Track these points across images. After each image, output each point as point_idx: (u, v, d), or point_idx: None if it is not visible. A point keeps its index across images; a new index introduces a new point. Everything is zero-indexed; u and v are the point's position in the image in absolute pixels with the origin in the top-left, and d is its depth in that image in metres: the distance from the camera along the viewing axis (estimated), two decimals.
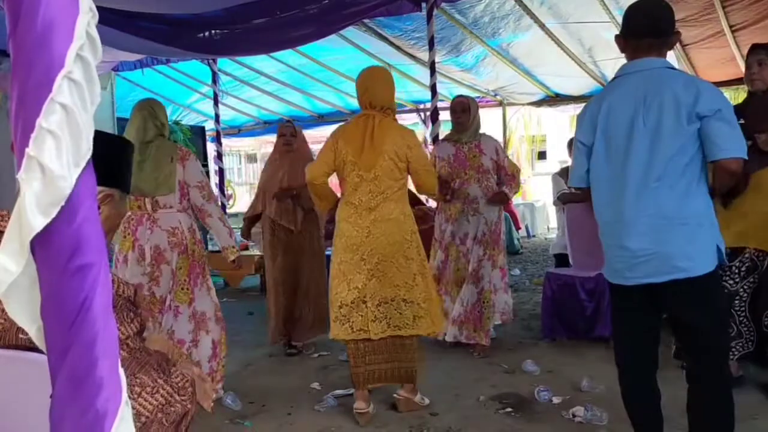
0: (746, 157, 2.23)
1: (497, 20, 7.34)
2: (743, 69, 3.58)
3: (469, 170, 4.32)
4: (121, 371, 0.75)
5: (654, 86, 2.24)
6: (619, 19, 7.16)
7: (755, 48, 3.35)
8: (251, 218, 4.86)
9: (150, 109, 3.48)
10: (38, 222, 0.66)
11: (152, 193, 3.39)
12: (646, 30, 2.29)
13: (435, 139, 5.92)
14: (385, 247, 3.22)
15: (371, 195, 3.23)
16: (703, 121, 2.17)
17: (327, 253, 4.43)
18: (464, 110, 4.40)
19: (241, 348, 4.77)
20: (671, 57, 7.82)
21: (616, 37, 2.42)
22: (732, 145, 2.17)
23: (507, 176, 4.41)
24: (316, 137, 12.65)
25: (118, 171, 1.63)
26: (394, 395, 3.42)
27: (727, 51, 7.46)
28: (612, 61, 8.50)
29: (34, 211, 0.65)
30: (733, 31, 7.16)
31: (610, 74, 9.25)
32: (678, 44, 7.58)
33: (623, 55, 2.41)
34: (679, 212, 2.21)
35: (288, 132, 4.74)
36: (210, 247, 7.46)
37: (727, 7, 6.58)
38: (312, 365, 4.33)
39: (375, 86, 3.35)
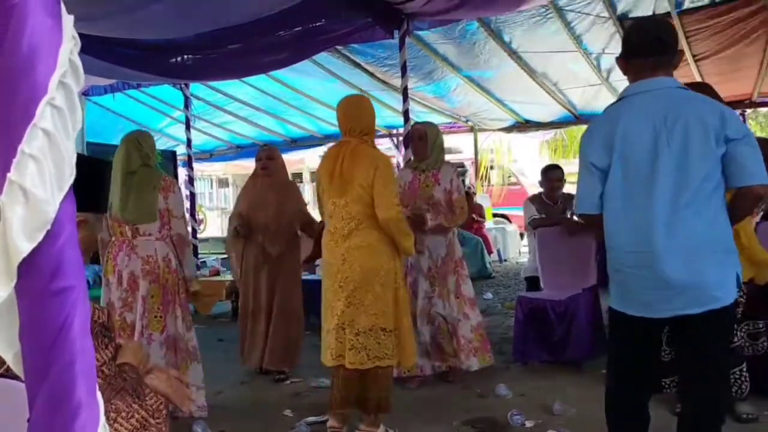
0: None
1: (470, 55, 7.51)
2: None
3: (418, 201, 4.17)
4: (99, 394, 0.75)
5: (674, 107, 2.16)
6: (589, 50, 7.37)
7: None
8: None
9: (135, 140, 3.62)
10: (24, 247, 0.67)
11: (133, 221, 3.51)
12: (652, 48, 2.22)
13: (407, 163, 5.97)
14: (360, 275, 3.19)
15: (345, 222, 3.23)
16: (731, 145, 2.10)
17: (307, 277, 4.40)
18: (421, 137, 4.30)
19: (211, 375, 4.69)
20: None
21: (618, 58, 2.35)
22: (762, 171, 2.12)
23: (453, 207, 4.19)
24: (290, 162, 12.68)
25: (92, 194, 1.62)
26: (356, 430, 3.34)
27: (690, 80, 7.68)
28: (578, 89, 8.73)
29: (20, 236, 0.66)
30: (696, 60, 7.39)
31: (576, 102, 9.48)
32: None
33: (592, 83, 2.44)
34: (710, 239, 2.14)
35: (264, 155, 4.72)
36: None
37: (690, 38, 6.80)
38: (284, 392, 4.28)
39: (352, 113, 3.41)
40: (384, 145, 11.29)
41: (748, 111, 10.48)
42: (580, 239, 4.85)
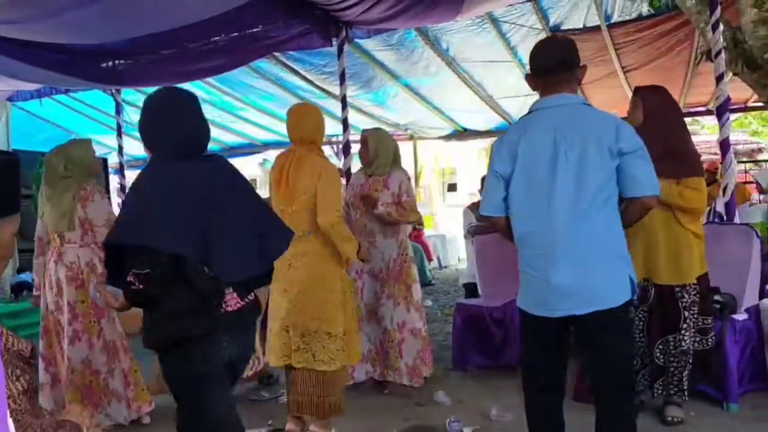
0: (659, 194, 2.36)
1: (408, 63, 7.57)
2: None
3: (367, 204, 4.20)
4: (11, 422, 0.70)
5: (574, 121, 2.32)
6: (523, 61, 7.53)
7: (634, 91, 3.58)
8: None
9: (64, 148, 3.74)
10: None
11: (55, 229, 3.69)
12: (554, 65, 2.39)
13: (347, 171, 5.95)
14: (305, 280, 3.26)
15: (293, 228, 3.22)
16: (624, 158, 2.26)
17: None
18: (363, 144, 4.34)
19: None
20: None
21: (527, 76, 2.50)
22: (653, 183, 2.30)
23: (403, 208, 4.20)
24: None
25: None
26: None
27: (620, 90, 7.96)
28: (513, 99, 8.92)
29: None
30: (625, 72, 7.65)
31: (512, 111, 9.67)
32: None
33: (526, 93, 2.53)
34: (603, 244, 2.30)
35: None
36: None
37: (619, 50, 7.04)
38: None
39: (299, 122, 3.43)
40: (324, 152, 11.23)
41: None
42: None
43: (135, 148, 10.92)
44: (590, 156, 2.26)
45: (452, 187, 22.22)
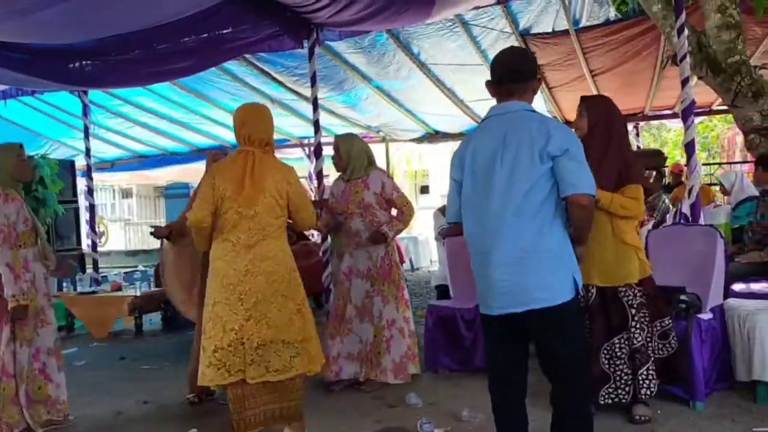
0: (594, 194, 2.43)
1: (380, 66, 7.58)
2: None
3: (351, 205, 4.26)
4: None
5: (513, 127, 2.43)
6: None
7: (580, 100, 3.61)
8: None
9: None
10: None
11: None
12: (506, 77, 2.50)
13: (319, 173, 5.95)
14: (264, 286, 3.14)
15: (250, 233, 3.16)
16: (555, 161, 2.37)
17: None
18: (335, 150, 4.40)
19: (111, 395, 4.49)
20: (540, 99, 8.36)
21: (486, 83, 2.59)
22: (580, 182, 2.37)
23: (397, 211, 4.39)
24: (197, 171, 12.33)
25: None
26: None
27: (588, 94, 8.05)
28: (483, 102, 8.97)
29: None
30: (593, 76, 7.76)
31: (483, 114, 9.74)
32: (545, 87, 8.13)
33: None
34: (537, 245, 2.38)
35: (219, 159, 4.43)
36: (80, 288, 7.05)
37: (587, 54, 7.14)
38: (189, 410, 4.13)
39: (254, 122, 3.32)
40: (295, 155, 11.20)
41: (642, 124, 11.08)
42: None
43: (102, 149, 10.80)
44: (521, 160, 2.38)
45: (425, 190, 22.32)
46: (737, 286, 4.38)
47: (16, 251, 3.58)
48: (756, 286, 4.38)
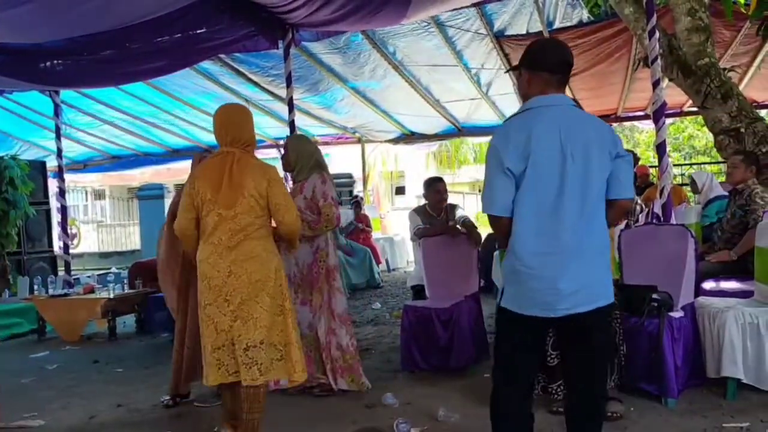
0: None
1: (356, 67, 7.58)
2: None
3: None
4: None
5: (574, 122, 2.35)
6: (469, 65, 7.62)
7: None
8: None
9: None
10: None
11: None
12: (562, 67, 2.42)
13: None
14: (248, 286, 3.11)
15: (231, 233, 3.13)
16: (616, 161, 2.35)
17: None
18: (284, 150, 4.38)
19: (84, 399, 4.43)
20: (515, 98, 8.43)
21: (521, 69, 2.46)
22: (630, 186, 2.41)
23: (321, 216, 4.14)
24: (172, 172, 12.21)
25: None
26: None
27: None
28: (458, 103, 9.03)
29: None
30: None
31: (458, 115, 9.80)
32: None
33: (471, 98, 2.56)
34: (600, 244, 2.37)
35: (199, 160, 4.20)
36: (51, 291, 6.94)
37: None
38: (164, 413, 4.09)
39: (235, 123, 3.29)
40: (270, 155, 11.15)
41: (615, 125, 11.23)
42: (463, 248, 5.00)
43: (74, 150, 10.64)
44: (593, 158, 2.31)
45: (400, 190, 22.38)
46: (707, 285, 4.47)
47: None
48: (726, 285, 4.48)
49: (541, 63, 2.42)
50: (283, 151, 4.34)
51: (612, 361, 2.51)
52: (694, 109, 7.69)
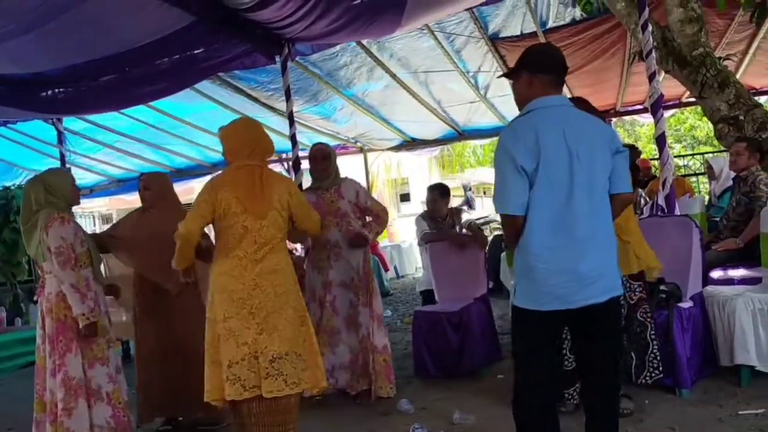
0: None
1: (351, 72, 7.60)
2: None
3: (328, 216, 4.17)
4: None
5: (576, 122, 2.45)
6: (467, 67, 7.63)
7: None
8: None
9: (35, 182, 3.72)
10: None
11: (35, 260, 3.72)
12: (559, 70, 2.53)
13: (299, 187, 5.95)
14: (273, 299, 3.12)
15: (257, 246, 3.13)
16: (615, 157, 2.45)
17: None
18: (325, 158, 4.37)
19: None
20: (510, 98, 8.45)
21: (521, 72, 2.52)
22: (629, 180, 2.52)
23: (373, 216, 4.36)
24: (179, 191, 12.22)
25: None
26: None
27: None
28: (457, 107, 9.06)
29: None
30: None
31: (458, 119, 9.82)
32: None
33: (470, 101, 2.60)
34: (610, 237, 2.47)
35: (141, 186, 4.28)
36: None
37: None
38: None
39: (252, 136, 3.32)
40: (274, 169, 11.18)
41: (614, 119, 11.23)
42: (470, 251, 5.02)
43: (80, 176, 10.71)
44: (597, 156, 2.41)
45: (405, 197, 22.39)
46: (715, 274, 4.48)
47: (77, 271, 3.55)
48: (733, 273, 4.49)
49: (542, 65, 2.51)
50: (323, 158, 4.38)
51: (641, 358, 2.60)
52: (693, 99, 7.69)
